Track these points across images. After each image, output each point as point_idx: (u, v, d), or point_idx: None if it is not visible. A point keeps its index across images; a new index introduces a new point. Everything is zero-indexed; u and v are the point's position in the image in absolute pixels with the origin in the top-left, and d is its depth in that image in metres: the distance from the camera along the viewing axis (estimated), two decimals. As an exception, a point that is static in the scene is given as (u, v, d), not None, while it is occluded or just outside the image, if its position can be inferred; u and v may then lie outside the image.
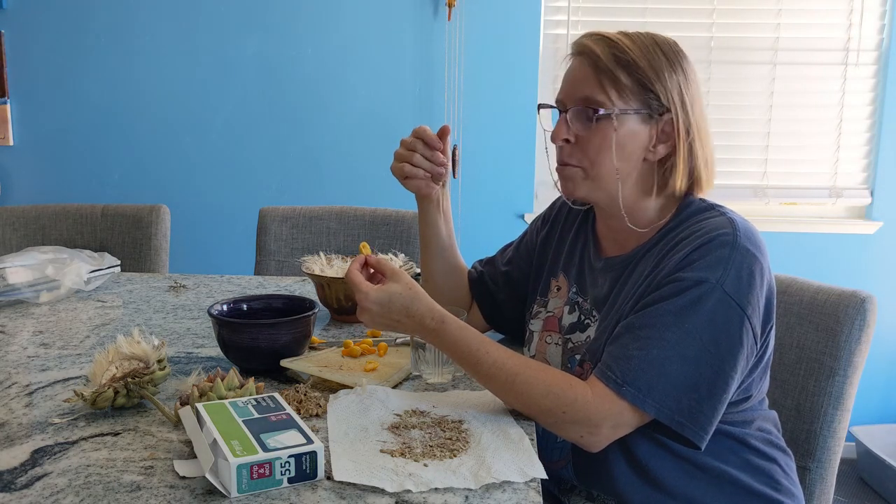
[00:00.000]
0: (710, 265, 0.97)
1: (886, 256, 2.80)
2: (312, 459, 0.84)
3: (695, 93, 1.07)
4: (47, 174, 2.84)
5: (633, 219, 1.10)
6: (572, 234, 1.23)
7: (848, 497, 2.65)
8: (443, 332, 1.02)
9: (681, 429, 0.95)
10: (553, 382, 0.98)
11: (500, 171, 2.79)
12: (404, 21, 2.71)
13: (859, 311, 1.20)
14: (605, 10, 2.73)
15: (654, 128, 1.05)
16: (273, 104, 2.78)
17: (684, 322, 0.95)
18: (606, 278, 1.12)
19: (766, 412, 1.11)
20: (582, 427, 0.97)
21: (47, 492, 0.82)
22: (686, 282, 0.97)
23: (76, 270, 1.66)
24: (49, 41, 2.76)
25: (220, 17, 2.74)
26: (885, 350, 2.81)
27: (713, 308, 0.95)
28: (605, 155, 1.06)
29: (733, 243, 0.98)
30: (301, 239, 2.12)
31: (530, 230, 1.34)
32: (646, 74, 1.04)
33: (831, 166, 2.79)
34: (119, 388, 1.02)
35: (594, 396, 0.96)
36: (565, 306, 1.19)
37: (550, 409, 0.97)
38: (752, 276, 0.97)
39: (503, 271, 1.33)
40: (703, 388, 0.95)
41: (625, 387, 0.95)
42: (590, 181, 1.08)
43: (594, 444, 0.98)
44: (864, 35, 2.70)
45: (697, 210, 1.07)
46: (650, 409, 0.94)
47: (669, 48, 1.07)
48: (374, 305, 1.03)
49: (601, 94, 1.04)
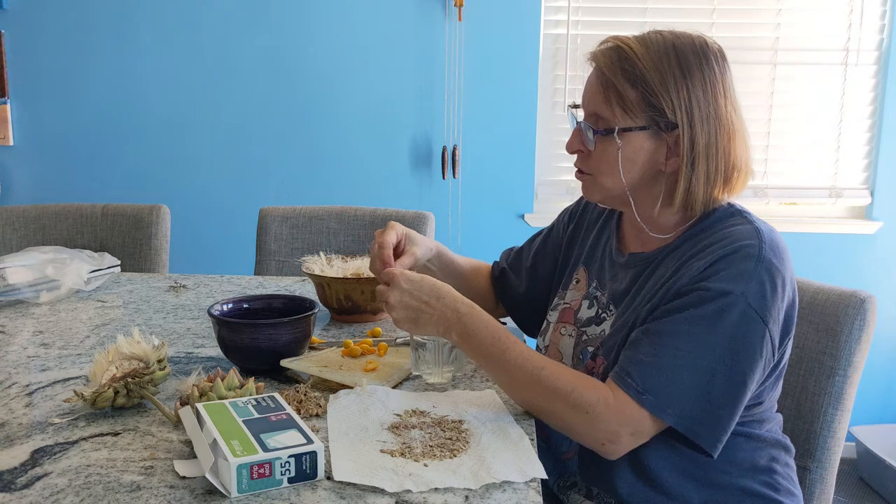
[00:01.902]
0: (735, 277, 0.96)
1: (886, 256, 2.80)
2: (312, 459, 0.84)
3: (714, 99, 1.02)
4: (47, 174, 2.84)
5: (653, 226, 1.10)
6: (597, 229, 1.24)
7: (848, 497, 2.65)
8: (473, 316, 1.03)
9: (697, 439, 0.95)
10: (578, 381, 0.98)
11: (500, 171, 2.79)
12: (406, 21, 2.71)
13: (859, 311, 1.20)
14: (605, 10, 2.73)
15: (664, 142, 1.04)
16: (273, 104, 2.78)
17: (707, 333, 0.95)
18: (628, 274, 1.12)
19: (774, 415, 1.12)
20: (602, 433, 0.96)
21: (47, 492, 0.82)
22: (710, 292, 0.96)
23: (76, 270, 1.66)
24: (49, 41, 2.76)
25: (221, 16, 2.74)
26: (885, 350, 2.81)
27: (737, 321, 0.95)
28: (611, 169, 1.06)
29: (758, 255, 0.97)
30: (301, 239, 2.12)
31: (557, 224, 1.34)
32: (653, 90, 1.01)
33: (831, 166, 2.79)
34: (119, 388, 1.02)
35: (615, 401, 0.95)
36: (583, 300, 1.19)
37: (575, 406, 0.96)
38: (774, 289, 0.97)
39: (528, 265, 1.34)
40: (721, 399, 0.95)
41: (645, 395, 0.94)
42: (603, 189, 1.09)
43: (614, 452, 0.98)
44: (864, 35, 2.70)
45: (723, 216, 1.05)
46: (669, 418, 0.94)
47: (688, 54, 1.02)
48: (405, 283, 1.05)
49: (607, 111, 1.04)
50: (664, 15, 2.71)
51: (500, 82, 2.74)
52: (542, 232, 1.37)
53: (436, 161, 2.78)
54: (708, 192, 1.04)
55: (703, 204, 1.05)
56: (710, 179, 1.03)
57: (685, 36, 1.04)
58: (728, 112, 1.03)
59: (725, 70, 1.05)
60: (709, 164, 1.02)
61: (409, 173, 2.80)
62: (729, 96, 1.04)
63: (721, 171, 1.03)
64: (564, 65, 2.76)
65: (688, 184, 1.03)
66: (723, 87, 1.03)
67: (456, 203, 2.80)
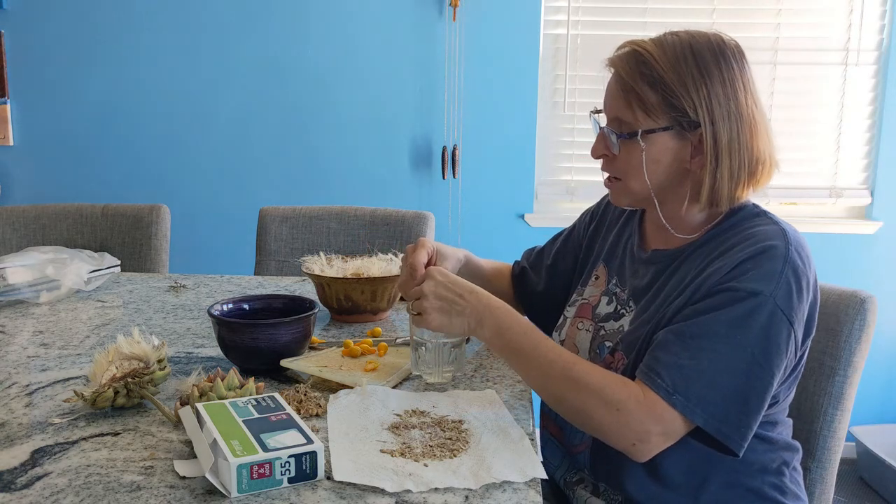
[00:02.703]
0: (764, 277, 0.96)
1: (886, 256, 2.80)
2: (312, 459, 0.84)
3: (734, 95, 1.02)
4: (47, 174, 2.84)
5: (679, 226, 1.10)
6: (618, 227, 1.25)
7: (848, 497, 2.65)
8: (505, 311, 1.05)
9: (725, 440, 0.94)
10: (609, 378, 0.98)
11: (500, 171, 2.79)
12: (406, 21, 2.71)
13: (859, 311, 1.20)
14: (605, 10, 2.73)
15: (688, 141, 1.04)
16: (273, 104, 2.79)
17: (737, 334, 0.95)
18: (650, 270, 1.12)
19: (786, 419, 1.12)
20: (633, 432, 0.95)
21: (47, 492, 0.82)
22: (740, 293, 0.96)
23: (76, 270, 1.66)
24: (49, 41, 2.76)
25: (220, 16, 2.74)
26: (885, 350, 2.81)
27: (767, 322, 0.95)
28: (636, 172, 1.07)
29: (786, 256, 0.97)
30: (301, 239, 2.12)
31: (578, 225, 1.36)
32: (673, 91, 1.01)
33: (831, 166, 2.79)
34: (119, 388, 1.02)
35: (646, 400, 0.95)
36: (602, 296, 1.19)
37: (606, 403, 0.95)
38: (800, 290, 0.97)
39: (548, 264, 1.36)
40: (750, 400, 0.95)
41: (675, 395, 0.94)
42: (631, 193, 1.10)
43: (643, 452, 0.96)
44: (864, 35, 2.70)
45: (749, 215, 1.06)
46: (698, 419, 0.94)
47: (705, 53, 1.02)
48: (440, 275, 1.08)
49: (629, 114, 1.05)
50: (664, 15, 2.71)
51: (500, 82, 2.74)
52: (563, 232, 1.39)
53: (436, 161, 2.78)
54: (733, 188, 1.04)
55: (728, 200, 1.05)
56: (734, 175, 1.03)
57: (701, 35, 1.05)
58: (749, 107, 1.04)
59: (744, 66, 1.05)
60: (732, 160, 1.03)
61: (409, 173, 2.80)
62: (749, 91, 1.04)
63: (745, 166, 1.04)
64: (564, 65, 2.76)
65: (713, 181, 1.03)
66: (742, 82, 1.04)
67: (456, 203, 2.80)
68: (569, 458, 1.18)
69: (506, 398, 1.10)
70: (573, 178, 2.82)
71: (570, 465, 1.18)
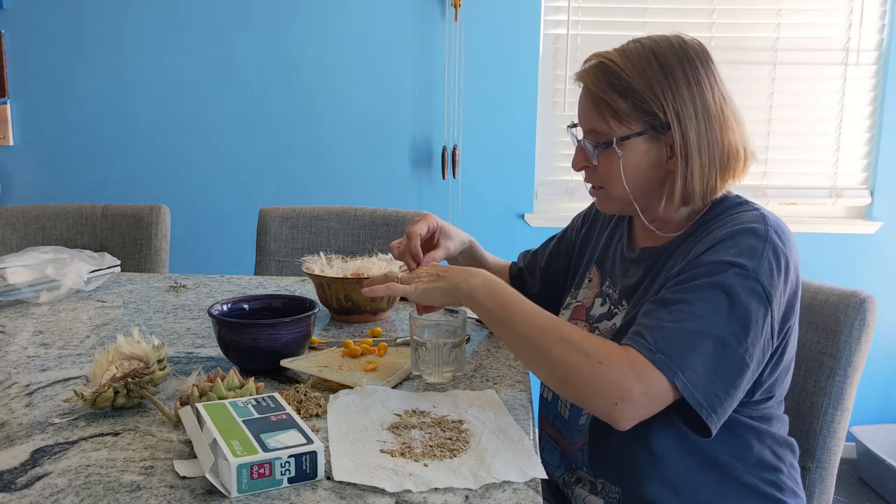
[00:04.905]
0: (745, 253, 0.98)
1: (886, 256, 2.80)
2: (312, 459, 0.84)
3: (700, 94, 1.05)
4: (47, 174, 2.84)
5: (664, 226, 1.13)
6: (609, 230, 1.27)
7: (848, 497, 2.65)
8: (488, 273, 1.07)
9: (698, 408, 0.94)
10: (594, 337, 0.99)
11: (500, 171, 2.79)
12: (407, 21, 2.71)
13: (859, 311, 1.20)
14: (605, 10, 2.74)
15: (663, 143, 1.07)
16: (273, 104, 2.79)
17: (719, 301, 0.95)
18: (640, 268, 1.14)
19: (782, 415, 1.12)
20: (615, 387, 0.93)
21: (47, 492, 0.82)
22: (721, 265, 0.97)
23: (76, 270, 1.66)
24: (49, 41, 2.76)
25: (220, 16, 2.74)
26: (885, 350, 2.81)
27: (748, 296, 0.96)
28: (617, 179, 1.09)
29: (765, 236, 0.99)
30: (301, 239, 2.12)
31: (571, 228, 1.39)
32: (641, 96, 1.04)
33: (831, 166, 2.79)
34: (119, 388, 1.02)
35: (628, 355, 0.95)
36: (596, 298, 1.21)
37: (588, 355, 0.95)
38: (780, 270, 0.98)
39: (541, 266, 1.39)
40: (725, 372, 0.95)
41: (658, 354, 0.94)
42: (616, 199, 1.12)
43: (624, 414, 0.94)
44: (864, 35, 2.70)
45: (731, 205, 1.08)
46: (678, 381, 0.93)
47: (668, 56, 1.05)
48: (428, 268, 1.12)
49: (602, 124, 1.07)
50: (664, 15, 2.71)
51: (500, 82, 2.74)
52: (556, 235, 1.41)
53: (436, 161, 2.79)
54: (705, 184, 1.06)
55: (702, 195, 1.07)
56: (704, 171, 1.05)
57: (663, 39, 1.08)
58: (717, 103, 1.06)
59: (708, 64, 1.07)
60: (702, 157, 1.05)
61: (408, 173, 2.80)
62: (716, 88, 1.06)
63: (716, 161, 1.06)
64: (564, 65, 2.76)
65: (683, 179, 1.06)
66: (707, 80, 1.06)
67: (456, 203, 2.80)
68: (566, 458, 1.18)
69: (506, 398, 1.10)
70: (573, 178, 2.82)
71: (567, 465, 1.18)
